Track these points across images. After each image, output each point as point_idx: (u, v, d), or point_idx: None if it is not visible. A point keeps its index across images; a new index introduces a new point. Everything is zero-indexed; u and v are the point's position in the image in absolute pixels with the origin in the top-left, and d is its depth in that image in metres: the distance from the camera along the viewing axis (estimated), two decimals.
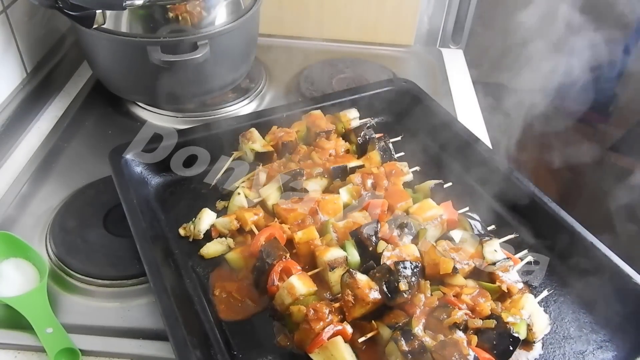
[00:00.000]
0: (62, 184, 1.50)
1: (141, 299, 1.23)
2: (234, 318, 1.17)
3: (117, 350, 1.11)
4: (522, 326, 1.11)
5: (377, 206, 1.34)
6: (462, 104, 1.92)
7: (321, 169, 1.47)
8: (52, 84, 1.84)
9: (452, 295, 1.15)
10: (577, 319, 1.20)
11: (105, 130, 1.74)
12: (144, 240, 1.21)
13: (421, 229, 1.29)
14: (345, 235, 1.28)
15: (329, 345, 1.05)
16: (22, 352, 1.11)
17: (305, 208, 1.33)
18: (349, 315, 1.11)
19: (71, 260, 1.27)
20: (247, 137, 1.52)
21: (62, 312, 1.19)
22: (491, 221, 1.38)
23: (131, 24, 1.54)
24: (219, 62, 1.66)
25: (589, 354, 1.14)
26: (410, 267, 1.14)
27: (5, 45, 1.65)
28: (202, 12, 1.57)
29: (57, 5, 1.46)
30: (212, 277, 1.25)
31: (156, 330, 1.16)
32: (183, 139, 1.48)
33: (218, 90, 1.78)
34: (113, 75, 1.74)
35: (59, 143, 1.65)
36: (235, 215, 1.34)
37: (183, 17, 1.55)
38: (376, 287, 1.12)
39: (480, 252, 1.23)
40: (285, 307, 1.13)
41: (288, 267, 1.19)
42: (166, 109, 1.78)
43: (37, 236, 1.35)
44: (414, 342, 1.04)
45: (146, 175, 1.46)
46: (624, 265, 1.21)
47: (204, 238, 1.33)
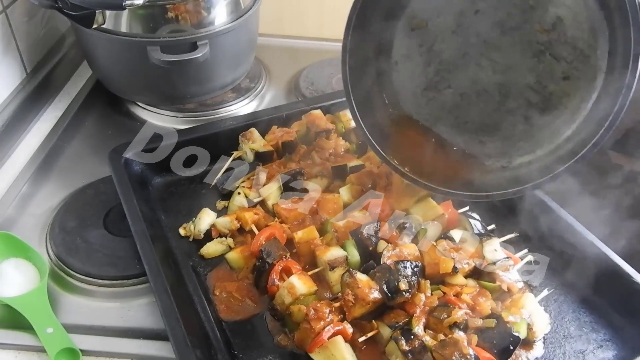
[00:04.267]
0: (62, 184, 1.50)
1: (141, 299, 1.23)
2: (234, 318, 1.17)
3: (117, 350, 1.11)
4: (523, 325, 1.11)
5: (377, 206, 1.34)
6: None
7: (321, 169, 1.47)
8: (52, 84, 1.84)
9: (452, 295, 1.15)
10: (577, 318, 1.20)
11: (105, 130, 1.74)
12: (144, 240, 1.21)
13: (421, 228, 1.29)
14: (346, 235, 1.28)
15: (329, 345, 1.05)
16: (23, 352, 1.11)
17: (305, 208, 1.33)
18: (349, 315, 1.11)
19: (71, 260, 1.27)
20: (247, 137, 1.53)
21: (62, 312, 1.19)
22: (491, 221, 1.38)
23: (131, 24, 1.55)
24: (218, 62, 1.66)
25: (589, 353, 1.14)
26: (411, 267, 1.14)
27: (5, 45, 1.65)
28: (202, 12, 1.57)
29: (57, 6, 1.46)
30: (212, 277, 1.25)
31: (156, 330, 1.15)
32: (183, 139, 1.48)
33: (218, 90, 1.78)
34: (113, 75, 1.74)
35: (59, 143, 1.65)
36: (236, 215, 1.34)
37: (183, 17, 1.55)
38: (376, 286, 1.12)
39: (481, 251, 1.23)
40: (286, 307, 1.14)
41: (288, 267, 1.20)
42: (166, 109, 1.78)
43: (37, 236, 1.35)
44: (414, 342, 1.04)
45: (146, 175, 1.46)
46: (624, 264, 1.22)
47: (204, 238, 1.33)
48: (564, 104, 1.04)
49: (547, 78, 1.02)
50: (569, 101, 1.03)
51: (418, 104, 1.16)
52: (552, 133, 1.07)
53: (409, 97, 1.16)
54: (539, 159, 1.09)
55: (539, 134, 1.08)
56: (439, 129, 1.18)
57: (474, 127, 1.13)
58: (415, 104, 1.17)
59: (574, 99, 1.02)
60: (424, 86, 1.13)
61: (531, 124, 1.07)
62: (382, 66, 1.20)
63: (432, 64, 1.14)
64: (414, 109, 1.17)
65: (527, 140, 1.10)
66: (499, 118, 1.09)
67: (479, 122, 1.12)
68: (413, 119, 1.21)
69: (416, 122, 1.21)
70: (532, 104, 1.04)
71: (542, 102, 1.04)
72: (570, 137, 1.04)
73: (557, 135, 1.06)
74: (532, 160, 1.11)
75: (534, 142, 1.09)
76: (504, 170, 1.14)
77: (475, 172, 1.17)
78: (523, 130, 1.09)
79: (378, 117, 1.21)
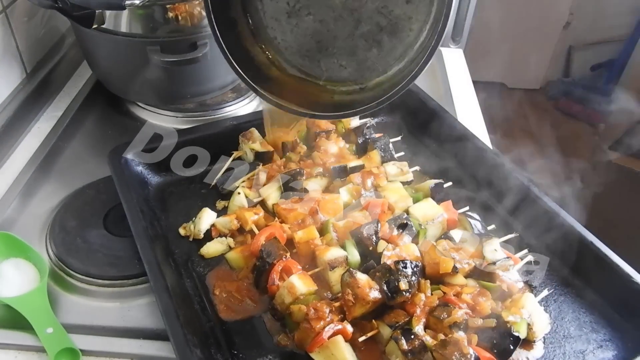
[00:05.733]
0: (62, 184, 1.50)
1: (141, 299, 1.23)
2: (234, 318, 1.17)
3: (117, 350, 1.11)
4: (523, 325, 1.11)
5: (377, 206, 1.34)
6: (462, 103, 1.92)
7: (321, 169, 1.47)
8: (52, 84, 1.84)
9: (452, 295, 1.15)
10: (577, 318, 1.20)
11: (105, 130, 1.74)
12: (144, 240, 1.21)
13: (421, 228, 1.29)
14: (346, 235, 1.28)
15: (330, 345, 1.05)
16: (23, 352, 1.11)
17: (305, 208, 1.33)
18: (349, 315, 1.11)
19: (71, 260, 1.27)
20: (247, 137, 1.53)
21: (62, 312, 1.19)
22: (491, 221, 1.38)
23: (131, 23, 1.54)
24: (218, 62, 1.66)
25: (589, 353, 1.14)
26: (411, 267, 1.14)
27: (5, 45, 1.65)
28: (202, 11, 1.57)
29: (57, 6, 1.45)
30: (212, 277, 1.25)
31: (156, 330, 1.16)
32: (183, 139, 1.48)
33: (218, 90, 1.78)
34: (113, 75, 1.74)
35: (59, 143, 1.65)
36: (236, 215, 1.34)
37: (183, 17, 1.55)
38: (376, 286, 1.12)
39: (481, 251, 1.23)
40: (286, 307, 1.14)
41: (288, 267, 1.20)
42: (166, 109, 1.78)
43: (37, 236, 1.35)
44: (414, 342, 1.04)
45: (146, 175, 1.46)
46: (624, 264, 1.21)
47: (204, 238, 1.33)
48: (408, 27, 1.15)
49: (393, 2, 1.13)
50: (411, 24, 1.14)
51: (283, 31, 1.25)
52: (400, 55, 1.18)
53: (273, 23, 1.25)
54: (390, 79, 1.21)
55: (389, 57, 1.19)
56: (302, 55, 1.27)
57: (333, 52, 1.24)
58: (280, 31, 1.26)
59: (416, 22, 1.13)
60: (286, 13, 1.23)
61: (382, 47, 1.19)
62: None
63: None
64: (280, 36, 1.26)
65: (379, 63, 1.21)
66: (354, 43, 1.21)
67: (338, 46, 1.23)
68: (277, 46, 1.28)
69: (280, 50, 1.29)
70: (382, 27, 1.16)
71: (389, 26, 1.16)
72: (413, 59, 1.17)
73: (404, 57, 1.18)
74: (384, 81, 1.22)
75: (385, 64, 1.20)
76: (362, 91, 1.26)
77: (336, 95, 1.28)
78: (376, 54, 1.20)
79: (243, 43, 1.28)
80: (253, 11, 1.26)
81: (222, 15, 1.19)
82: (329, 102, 1.27)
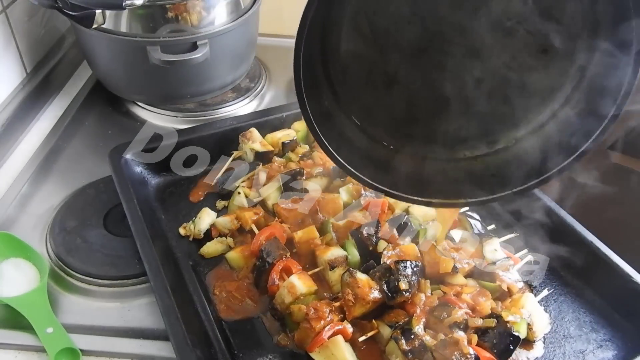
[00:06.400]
0: (62, 184, 1.50)
1: (141, 299, 1.23)
2: (234, 317, 1.17)
3: (117, 350, 1.11)
4: (523, 325, 1.11)
5: (377, 206, 1.34)
6: None
7: (321, 168, 1.47)
8: (52, 84, 1.84)
9: (452, 295, 1.16)
10: (577, 318, 1.20)
11: (105, 130, 1.73)
12: (144, 240, 1.21)
13: (421, 228, 1.29)
14: (345, 235, 1.28)
15: (330, 345, 1.05)
16: (23, 352, 1.11)
17: (305, 208, 1.33)
18: (349, 315, 1.11)
19: (71, 260, 1.27)
20: (247, 137, 1.52)
21: (62, 312, 1.19)
22: (491, 221, 1.38)
23: (131, 23, 1.54)
24: (218, 62, 1.66)
25: (589, 353, 1.14)
26: (411, 267, 1.14)
27: (5, 45, 1.65)
28: (202, 11, 1.57)
29: (57, 5, 1.45)
30: (212, 277, 1.25)
31: (156, 330, 1.15)
32: (183, 138, 1.48)
33: (218, 90, 1.78)
34: (113, 75, 1.74)
35: (59, 143, 1.65)
36: (236, 214, 1.35)
37: (183, 16, 1.55)
38: (376, 286, 1.12)
39: (481, 251, 1.23)
40: (286, 306, 1.14)
41: (288, 267, 1.20)
42: (166, 109, 1.78)
43: (37, 236, 1.35)
44: (414, 341, 1.04)
45: (146, 175, 1.46)
46: (624, 264, 1.22)
47: (204, 237, 1.33)
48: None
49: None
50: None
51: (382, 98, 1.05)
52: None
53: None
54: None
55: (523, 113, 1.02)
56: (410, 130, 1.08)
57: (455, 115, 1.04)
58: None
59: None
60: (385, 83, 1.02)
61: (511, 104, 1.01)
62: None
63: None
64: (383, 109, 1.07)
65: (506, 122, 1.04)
66: (479, 102, 1.02)
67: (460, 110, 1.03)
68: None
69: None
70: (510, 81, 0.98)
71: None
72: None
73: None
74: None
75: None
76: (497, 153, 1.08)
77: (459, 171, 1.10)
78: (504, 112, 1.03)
79: (342, 131, 1.09)
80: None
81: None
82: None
